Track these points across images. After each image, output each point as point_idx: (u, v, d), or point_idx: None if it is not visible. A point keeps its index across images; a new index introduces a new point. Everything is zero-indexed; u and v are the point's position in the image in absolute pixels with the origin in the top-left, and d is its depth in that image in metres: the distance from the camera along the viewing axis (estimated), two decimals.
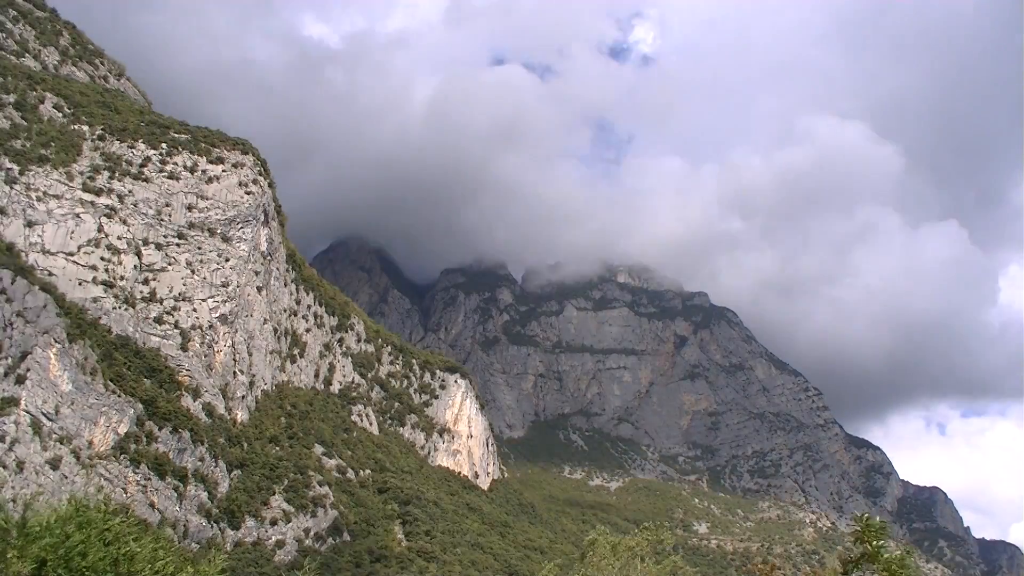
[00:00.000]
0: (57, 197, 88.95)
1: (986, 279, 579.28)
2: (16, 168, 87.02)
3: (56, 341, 69.25)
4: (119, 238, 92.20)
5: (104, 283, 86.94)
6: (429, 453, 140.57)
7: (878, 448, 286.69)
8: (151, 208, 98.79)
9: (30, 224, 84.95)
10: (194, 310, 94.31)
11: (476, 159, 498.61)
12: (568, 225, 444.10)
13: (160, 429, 76.08)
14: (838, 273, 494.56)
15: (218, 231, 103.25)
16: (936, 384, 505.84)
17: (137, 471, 71.00)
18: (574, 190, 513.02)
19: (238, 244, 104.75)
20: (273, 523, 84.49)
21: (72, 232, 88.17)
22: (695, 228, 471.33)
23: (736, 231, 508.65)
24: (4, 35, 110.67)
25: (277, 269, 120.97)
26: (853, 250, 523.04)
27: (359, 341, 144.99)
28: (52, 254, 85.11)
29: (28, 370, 65.96)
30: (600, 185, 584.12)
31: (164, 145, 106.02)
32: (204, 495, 77.69)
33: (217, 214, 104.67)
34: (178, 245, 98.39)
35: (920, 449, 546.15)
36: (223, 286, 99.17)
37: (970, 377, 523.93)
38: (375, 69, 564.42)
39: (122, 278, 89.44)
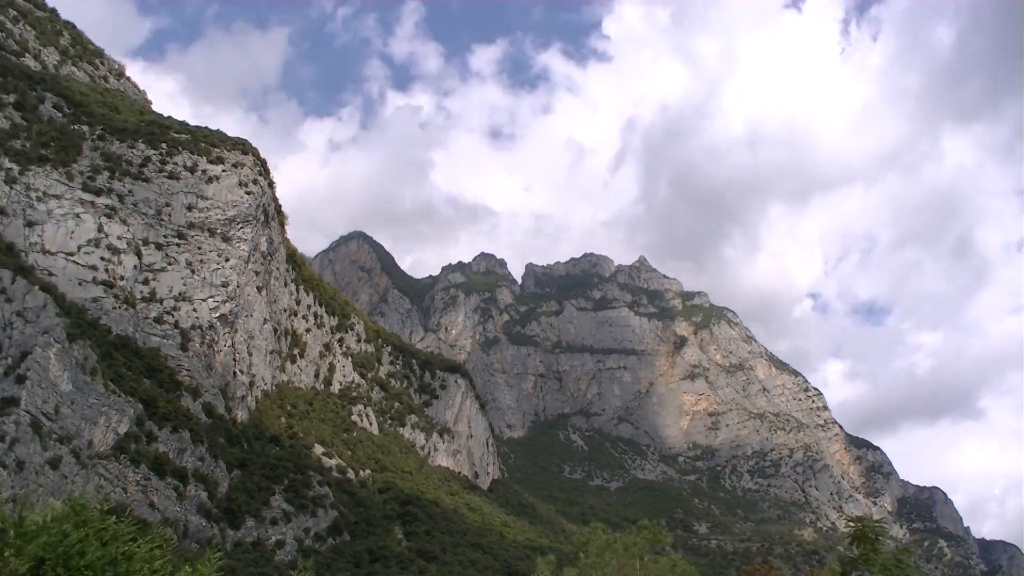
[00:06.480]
0: (57, 197, 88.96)
1: None
2: (16, 168, 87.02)
3: (56, 341, 69.23)
4: (119, 238, 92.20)
5: (104, 283, 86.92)
6: (429, 453, 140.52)
7: (878, 448, 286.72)
8: (151, 208, 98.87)
9: (30, 224, 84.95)
10: (194, 310, 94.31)
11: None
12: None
13: (160, 429, 75.99)
14: None
15: (218, 231, 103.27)
16: None
17: (137, 471, 70.90)
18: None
19: (238, 244, 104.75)
20: (273, 523, 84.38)
21: (72, 232, 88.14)
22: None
23: None
24: (4, 35, 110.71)
25: (277, 269, 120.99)
26: None
27: (359, 341, 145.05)
28: (52, 254, 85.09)
29: (28, 370, 65.91)
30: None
31: (164, 145, 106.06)
32: (204, 495, 77.57)
33: (217, 214, 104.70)
34: (178, 245, 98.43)
35: None
36: (223, 286, 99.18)
37: None
38: None
39: (122, 278, 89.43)
